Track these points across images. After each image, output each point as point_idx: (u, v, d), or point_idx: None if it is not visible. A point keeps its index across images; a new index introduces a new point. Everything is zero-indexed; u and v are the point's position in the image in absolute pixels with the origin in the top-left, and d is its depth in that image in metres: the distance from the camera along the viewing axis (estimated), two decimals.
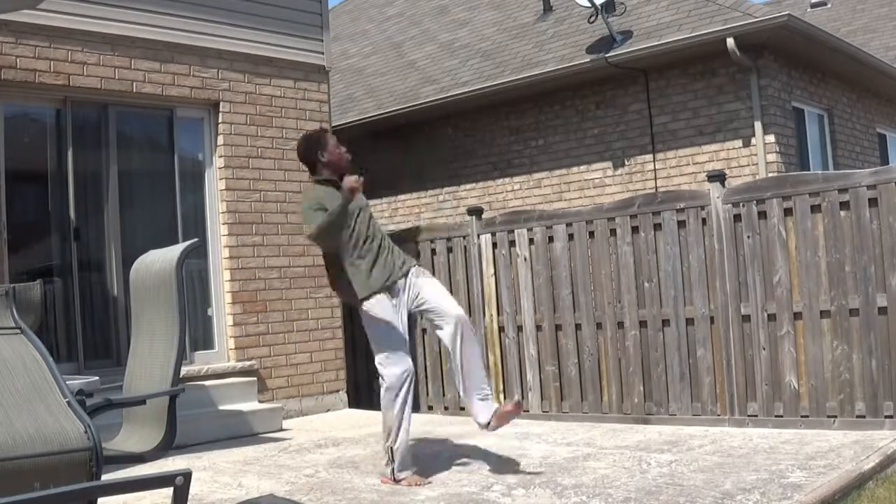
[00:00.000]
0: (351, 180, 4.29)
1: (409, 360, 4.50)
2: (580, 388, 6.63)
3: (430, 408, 7.51)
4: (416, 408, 7.45)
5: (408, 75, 11.74)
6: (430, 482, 4.47)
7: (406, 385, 4.44)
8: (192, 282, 6.90)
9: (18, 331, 2.79)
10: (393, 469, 4.47)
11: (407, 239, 7.46)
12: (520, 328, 6.96)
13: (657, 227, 6.29)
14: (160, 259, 3.03)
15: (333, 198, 4.40)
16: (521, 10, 11.68)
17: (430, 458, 5.05)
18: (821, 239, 5.66)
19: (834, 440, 5.11)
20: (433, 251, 7.54)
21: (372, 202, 11.79)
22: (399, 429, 4.43)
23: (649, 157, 9.36)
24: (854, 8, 15.17)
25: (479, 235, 7.24)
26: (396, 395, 4.42)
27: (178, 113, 6.96)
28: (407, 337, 4.55)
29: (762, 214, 5.88)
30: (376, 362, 4.51)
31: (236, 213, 7.07)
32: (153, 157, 7.03)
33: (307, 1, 7.72)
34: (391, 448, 4.46)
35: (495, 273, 7.13)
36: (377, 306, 4.49)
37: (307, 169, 4.77)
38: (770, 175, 8.21)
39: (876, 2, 14.92)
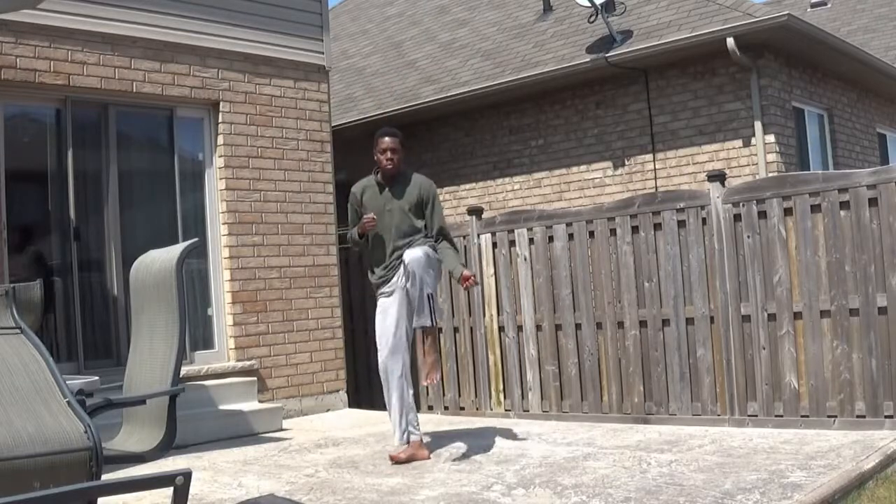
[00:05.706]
0: (368, 220, 5.10)
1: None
2: (580, 388, 6.63)
3: (431, 408, 7.51)
4: (416, 408, 7.49)
5: (408, 75, 11.73)
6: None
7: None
8: (192, 282, 6.90)
9: (18, 331, 2.79)
10: None
11: None
12: (520, 328, 6.96)
13: (657, 226, 6.29)
14: (160, 259, 3.03)
15: (369, 192, 5.29)
16: (521, 9, 11.68)
17: (429, 458, 5.06)
18: (821, 239, 5.66)
19: (834, 440, 5.11)
20: None
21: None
22: None
23: (649, 156, 9.36)
24: (854, 8, 15.17)
25: (479, 235, 7.24)
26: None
27: (178, 113, 6.96)
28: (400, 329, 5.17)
29: (762, 214, 5.88)
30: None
31: (236, 213, 7.07)
32: (153, 157, 7.02)
33: (307, 1, 7.72)
34: None
35: (495, 273, 7.13)
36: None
37: None
38: (770, 175, 8.21)
39: (876, 2, 14.91)
